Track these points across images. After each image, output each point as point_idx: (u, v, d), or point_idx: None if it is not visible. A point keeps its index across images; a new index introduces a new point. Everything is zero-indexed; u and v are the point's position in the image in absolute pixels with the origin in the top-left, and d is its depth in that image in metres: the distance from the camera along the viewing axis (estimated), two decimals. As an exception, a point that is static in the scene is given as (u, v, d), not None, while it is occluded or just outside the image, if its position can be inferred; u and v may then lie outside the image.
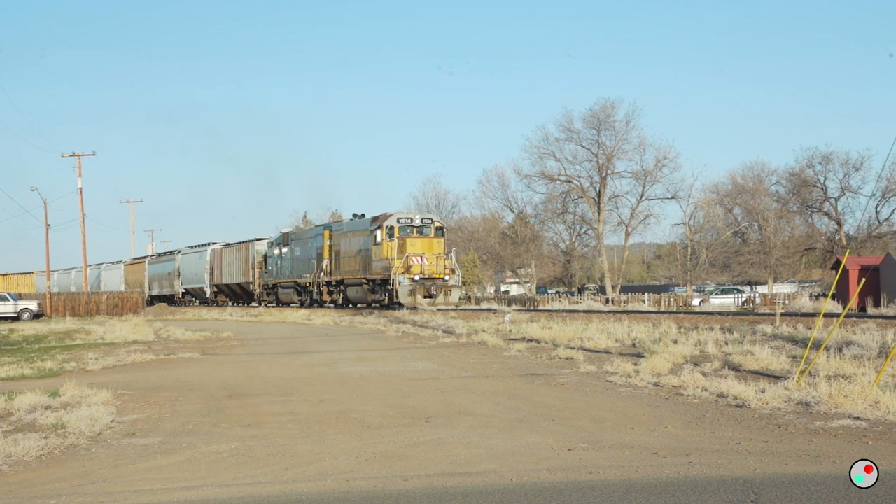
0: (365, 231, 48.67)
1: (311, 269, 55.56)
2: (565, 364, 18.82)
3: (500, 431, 11.23)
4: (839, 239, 72.66)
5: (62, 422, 12.27)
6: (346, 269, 50.80)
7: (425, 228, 46.81)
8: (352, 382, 17.02)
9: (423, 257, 45.70)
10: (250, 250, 67.68)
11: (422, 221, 47.10)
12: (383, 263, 46.18)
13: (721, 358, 17.75)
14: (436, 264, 45.93)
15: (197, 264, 78.79)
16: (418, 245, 45.90)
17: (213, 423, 12.61)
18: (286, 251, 60.07)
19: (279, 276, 61.32)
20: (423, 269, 45.44)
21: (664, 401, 13.49)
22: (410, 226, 46.57)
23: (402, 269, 45.07)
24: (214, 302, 76.14)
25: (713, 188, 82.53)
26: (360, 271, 49.04)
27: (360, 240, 49.11)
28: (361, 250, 48.85)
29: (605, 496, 8.00)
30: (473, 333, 27.16)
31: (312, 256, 55.54)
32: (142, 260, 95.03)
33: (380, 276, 46.65)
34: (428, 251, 45.98)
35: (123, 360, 22.90)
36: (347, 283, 50.76)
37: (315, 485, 8.71)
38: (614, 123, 78.82)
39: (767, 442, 10.17)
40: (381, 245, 46.41)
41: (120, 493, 8.73)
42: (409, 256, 45.28)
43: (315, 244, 55.36)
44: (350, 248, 50.48)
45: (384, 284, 46.49)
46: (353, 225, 51.51)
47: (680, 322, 25.88)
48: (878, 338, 18.83)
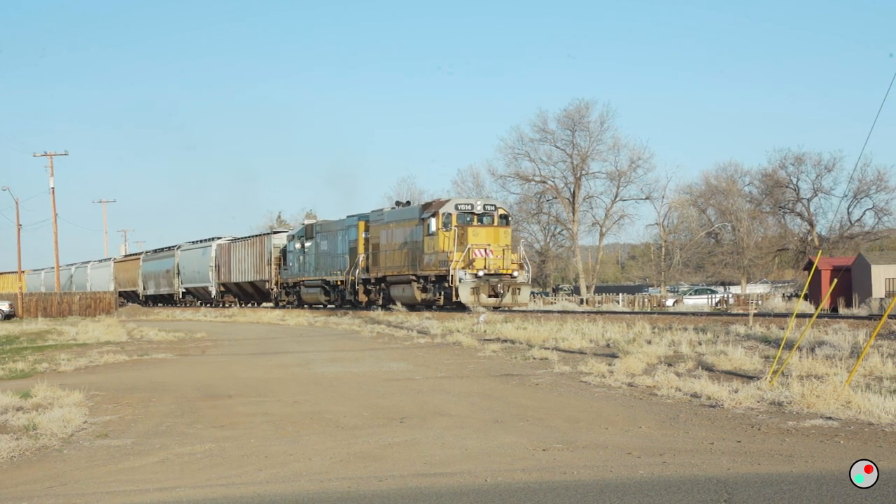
0: (413, 220, 42.57)
1: (343, 266, 49.00)
2: (540, 364, 18.85)
3: (475, 432, 11.24)
4: (811, 240, 73.19)
5: (34, 423, 12.17)
6: (389, 264, 44.38)
7: (487, 216, 40.36)
8: (326, 383, 16.99)
9: (488, 250, 39.19)
10: (266, 245, 60.03)
11: (483, 208, 40.53)
12: (438, 257, 39.87)
13: (695, 358, 17.83)
14: (502, 258, 39.29)
15: (200, 261, 71.63)
16: (481, 235, 39.49)
17: (186, 424, 12.56)
18: (310, 245, 53.23)
19: (302, 274, 54.37)
20: (487, 264, 38.99)
21: (638, 401, 13.54)
22: (471, 213, 40.06)
23: (463, 264, 38.62)
24: (221, 302, 68.86)
25: (687, 189, 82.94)
26: (406, 267, 42.57)
27: (407, 231, 42.96)
28: (408, 242, 42.65)
29: (580, 496, 8.02)
30: (448, 334, 27.16)
31: (343, 251, 49.03)
32: (135, 257, 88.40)
33: (434, 273, 40.28)
34: (493, 242, 39.47)
35: (96, 361, 22.76)
36: (391, 280, 44.23)
37: (289, 486, 8.68)
38: (588, 124, 79.05)
39: (740, 442, 10.22)
40: (436, 236, 39.96)
41: (92, 494, 8.67)
42: (470, 249, 38.84)
43: (346, 237, 48.85)
44: (393, 240, 44.22)
45: (439, 282, 40.21)
46: (396, 214, 45.26)
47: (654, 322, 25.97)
48: (850, 338, 18.96)
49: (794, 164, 74.75)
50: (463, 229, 39.18)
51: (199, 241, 73.67)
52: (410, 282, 41.96)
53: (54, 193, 72.33)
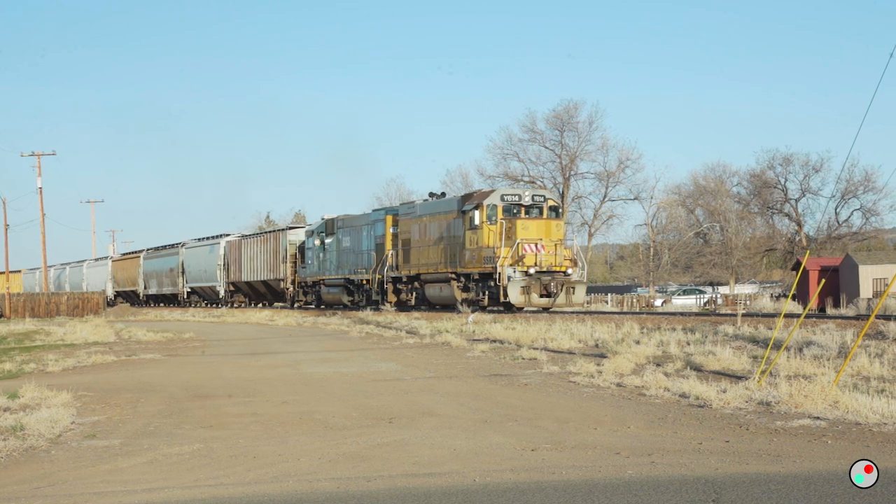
0: (451, 213, 38.93)
1: (368, 263, 45.54)
2: (528, 365, 18.86)
3: (464, 432, 11.24)
4: (799, 240, 73.40)
5: (21, 424, 12.13)
6: (423, 261, 40.67)
7: (535, 208, 36.76)
8: (315, 383, 16.97)
9: (539, 245, 35.42)
10: (281, 241, 56.19)
11: (532, 199, 36.93)
12: (483, 253, 36.22)
13: (683, 358, 17.86)
14: (554, 254, 35.54)
15: (206, 259, 67.67)
16: (532, 229, 35.69)
17: (174, 425, 12.53)
18: (331, 242, 49.58)
19: (321, 272, 50.71)
20: (538, 261, 35.11)
21: (627, 401, 13.56)
22: (518, 204, 36.47)
23: (512, 261, 34.87)
24: (230, 303, 65.13)
25: (675, 189, 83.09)
26: (443, 264, 38.89)
27: (444, 224, 39.26)
28: (445, 237, 39.05)
29: (568, 496, 8.03)
30: (437, 334, 27.14)
31: (369, 247, 45.60)
32: (135, 255, 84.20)
33: (477, 270, 36.78)
34: (545, 236, 35.73)
35: (84, 362, 22.69)
36: (426, 279, 40.63)
37: (278, 486, 8.68)
38: (577, 125, 79.06)
39: (729, 441, 10.25)
40: (480, 230, 36.36)
41: (80, 495, 8.65)
42: (520, 244, 35.05)
43: (372, 232, 45.47)
44: (428, 235, 40.49)
45: (484, 280, 36.72)
46: (430, 207, 41.32)
47: (642, 323, 26.00)
48: (838, 338, 19.01)
49: (783, 164, 74.99)
50: (511, 222, 35.60)
51: (206, 238, 70.39)
52: (449, 280, 38.58)
53: (42, 193, 72.19)
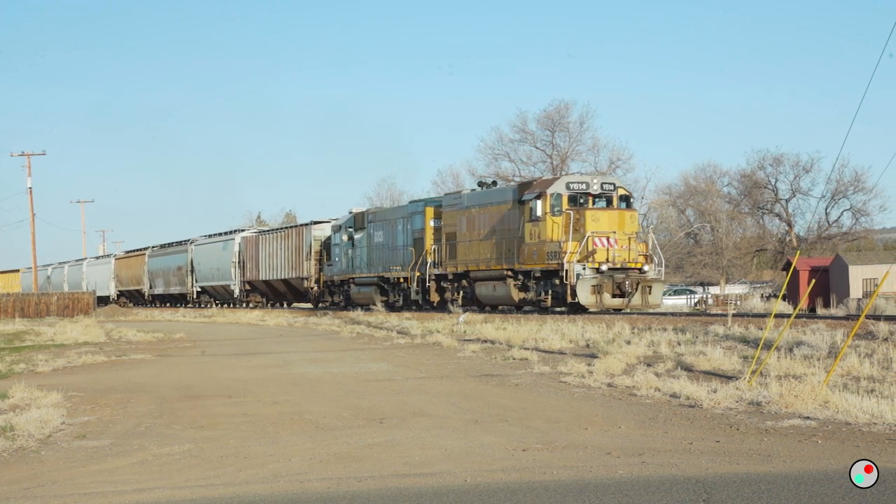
0: (506, 203, 34.91)
1: (406, 260, 41.23)
2: (519, 365, 18.86)
3: (455, 432, 11.24)
4: (790, 240, 73.60)
5: (11, 424, 12.09)
6: (472, 257, 36.61)
7: (605, 197, 32.86)
8: (306, 384, 16.96)
9: (611, 239, 31.47)
10: (305, 237, 52.35)
11: (601, 188, 32.87)
12: (546, 248, 32.18)
13: (674, 358, 17.88)
14: (628, 249, 31.63)
15: (219, 256, 63.11)
16: (603, 221, 31.63)
17: (165, 425, 12.52)
18: (360, 237, 45.48)
19: (350, 270, 46.50)
20: (610, 256, 31.30)
21: (617, 401, 13.58)
22: (586, 194, 32.44)
23: (581, 256, 31.09)
24: (245, 303, 61.38)
25: (666, 189, 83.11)
26: (497, 260, 34.87)
27: (497, 216, 35.30)
28: (498, 230, 35.03)
29: (559, 496, 8.04)
30: (428, 334, 27.13)
31: (406, 243, 41.41)
32: (140, 252, 79.36)
33: (539, 267, 32.78)
34: (618, 229, 31.65)
35: (74, 362, 22.63)
36: (476, 276, 36.60)
37: (268, 486, 8.67)
38: (568, 125, 78.99)
39: (719, 441, 10.27)
40: (543, 222, 32.29)
41: (70, 495, 8.63)
42: (590, 238, 31.08)
43: (409, 226, 41.29)
44: (478, 228, 36.43)
45: (546, 278, 32.85)
46: (481, 197, 37.10)
47: (633, 323, 26.00)
48: (828, 338, 19.05)
49: (773, 164, 75.17)
50: (579, 213, 31.70)
51: (218, 234, 65.87)
52: (504, 278, 34.60)
53: (32, 193, 71.93)
